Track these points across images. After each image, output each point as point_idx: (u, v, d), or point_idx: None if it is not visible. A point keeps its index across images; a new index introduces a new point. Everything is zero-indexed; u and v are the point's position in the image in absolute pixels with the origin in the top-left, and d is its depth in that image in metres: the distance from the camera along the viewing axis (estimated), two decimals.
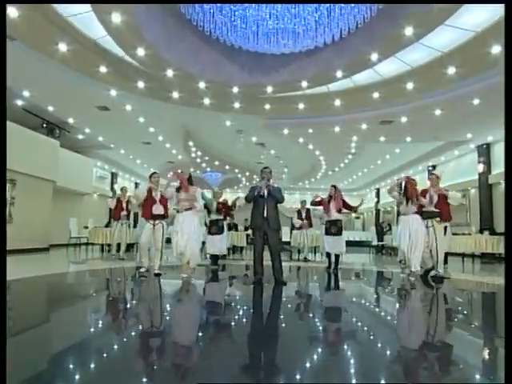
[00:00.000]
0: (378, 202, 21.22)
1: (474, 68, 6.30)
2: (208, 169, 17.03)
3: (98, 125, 11.14)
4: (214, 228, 6.84)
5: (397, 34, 5.49)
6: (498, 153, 10.65)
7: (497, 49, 5.61)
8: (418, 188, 5.68)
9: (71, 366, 1.98)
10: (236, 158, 15.02)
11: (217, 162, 15.52)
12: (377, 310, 3.96)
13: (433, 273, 5.64)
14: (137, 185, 20.73)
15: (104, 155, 15.17)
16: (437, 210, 5.62)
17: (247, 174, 18.03)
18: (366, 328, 3.03)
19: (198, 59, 6.02)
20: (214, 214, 6.89)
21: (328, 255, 6.84)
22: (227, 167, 16.40)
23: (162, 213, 5.50)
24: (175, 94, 7.88)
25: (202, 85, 6.91)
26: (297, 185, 22.14)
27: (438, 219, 5.61)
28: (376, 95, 7.59)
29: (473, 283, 5.85)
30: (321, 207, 6.95)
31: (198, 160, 15.22)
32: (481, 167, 11.06)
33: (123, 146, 13.72)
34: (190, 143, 12.68)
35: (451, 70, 6.32)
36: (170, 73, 6.39)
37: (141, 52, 5.88)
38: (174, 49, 5.74)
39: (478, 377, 2.05)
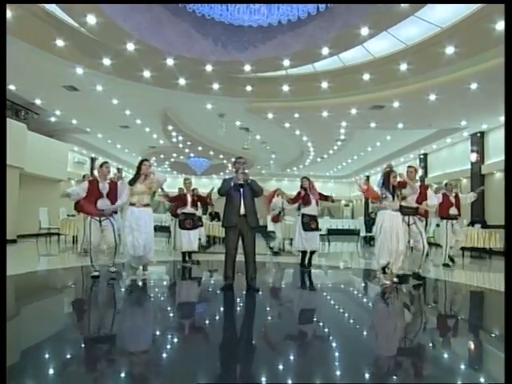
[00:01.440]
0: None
1: (474, 47, 5.70)
2: (192, 154, 16.31)
3: (69, 107, 10.31)
4: (187, 222, 6.23)
5: (390, 5, 4.82)
6: (493, 142, 10.18)
7: (501, 25, 5.00)
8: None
9: None
10: (220, 144, 14.32)
11: (200, 148, 14.80)
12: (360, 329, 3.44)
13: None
14: (119, 170, 19.92)
15: (81, 139, 14.34)
16: (415, 206, 5.15)
17: (233, 160, 17.31)
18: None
19: (162, 32, 5.26)
20: (188, 207, 6.25)
21: (303, 252, 6.30)
22: (211, 153, 15.69)
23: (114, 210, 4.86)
24: (146, 73, 7.12)
25: (170, 61, 6.15)
26: (285, 171, 21.56)
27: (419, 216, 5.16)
28: (367, 77, 6.94)
29: (459, 286, 5.38)
30: (295, 205, 6.36)
31: (181, 145, 14.48)
32: (474, 157, 10.59)
33: (100, 129, 12.90)
34: (170, 127, 11.92)
35: (450, 50, 5.69)
36: (130, 47, 5.61)
37: (91, 20, 5.06)
38: (133, 18, 4.97)
39: None
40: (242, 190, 4.25)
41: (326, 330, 3.12)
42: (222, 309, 3.88)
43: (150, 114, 10.86)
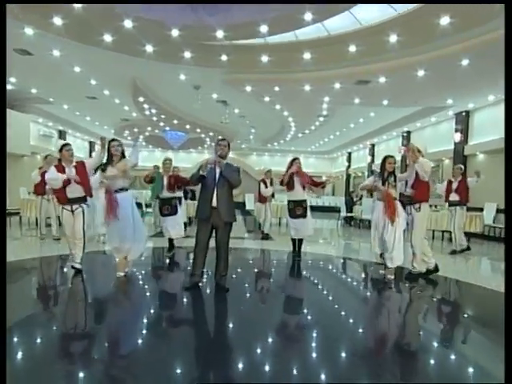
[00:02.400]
0: (349, 166, 20.58)
1: (471, 19, 5.17)
2: (167, 128, 15.43)
3: (25, 73, 9.24)
4: (165, 208, 5.64)
5: None
6: (478, 121, 9.90)
7: None
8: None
9: None
10: (197, 117, 13.52)
11: (175, 121, 13.95)
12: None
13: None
14: (91, 144, 18.82)
15: (46, 111, 13.20)
16: (411, 193, 4.67)
17: (211, 134, 16.58)
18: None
19: None
20: (165, 191, 5.62)
21: (293, 240, 5.93)
22: (188, 126, 14.87)
23: (82, 195, 4.28)
24: (107, 38, 6.27)
25: (128, 24, 5.34)
26: (266, 146, 20.96)
27: (417, 206, 4.69)
28: (353, 49, 6.34)
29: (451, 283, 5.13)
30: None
31: (155, 118, 13.58)
32: (457, 136, 10.31)
33: (64, 100, 11.83)
34: (141, 99, 11.03)
35: (445, 20, 5.15)
36: (80, 5, 4.78)
37: None
38: None
39: None
40: (216, 179, 3.72)
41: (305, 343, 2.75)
42: (185, 312, 3.46)
43: (118, 85, 9.94)
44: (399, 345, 2.91)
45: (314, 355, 2.57)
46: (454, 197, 6.94)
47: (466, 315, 3.83)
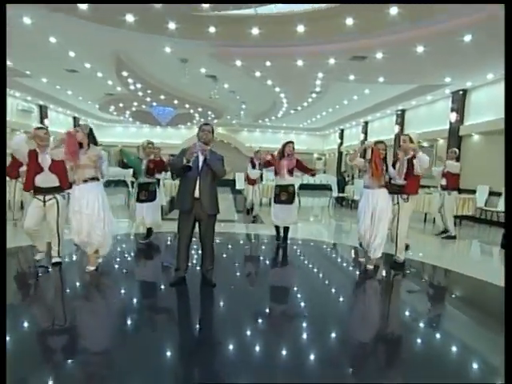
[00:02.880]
0: (341, 143, 20.29)
1: None
2: (154, 103, 14.80)
3: None
4: (142, 194, 5.30)
5: None
6: (475, 101, 9.61)
7: None
8: (389, 157, 4.51)
9: None
10: (185, 92, 12.93)
11: (162, 96, 13.34)
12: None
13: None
14: (75, 119, 18.05)
15: (24, 84, 12.42)
16: (402, 183, 4.49)
17: (200, 109, 16.00)
18: None
19: None
20: (143, 176, 5.30)
21: (276, 228, 5.72)
22: (176, 102, 14.27)
23: (56, 184, 3.92)
24: (81, 6, 5.71)
25: None
26: (257, 122, 20.43)
27: (405, 196, 4.51)
28: (350, 22, 5.90)
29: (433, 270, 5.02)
30: (271, 168, 5.62)
31: (140, 93, 12.95)
32: (453, 116, 10.04)
33: (43, 73, 11.11)
34: (125, 73, 10.41)
35: None
36: None
37: None
38: None
39: None
40: (199, 167, 3.42)
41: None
42: (171, 309, 3.27)
43: (99, 57, 9.31)
44: (382, 335, 2.95)
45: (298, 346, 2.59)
46: (443, 181, 6.78)
47: (454, 303, 3.73)
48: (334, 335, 2.82)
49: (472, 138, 9.66)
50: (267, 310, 3.29)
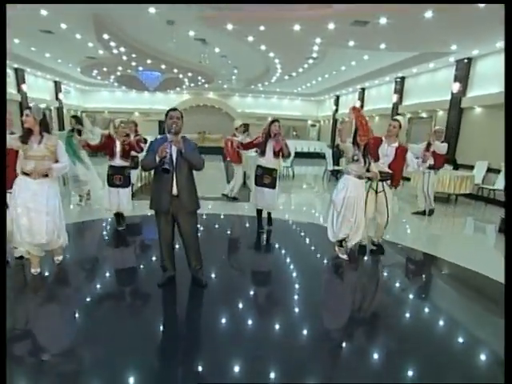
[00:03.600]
0: (336, 110, 19.65)
1: None
2: (140, 68, 13.88)
3: None
4: (117, 178, 4.83)
5: None
6: (480, 71, 9.10)
7: None
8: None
9: None
10: (173, 56, 12.09)
11: (149, 61, 12.46)
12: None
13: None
14: (57, 84, 16.96)
15: None
16: (389, 171, 4.29)
17: (189, 74, 15.12)
18: None
19: None
20: (117, 158, 4.77)
21: (258, 212, 5.43)
22: (163, 66, 13.40)
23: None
24: None
25: None
26: (249, 87, 19.54)
27: (389, 182, 4.34)
28: None
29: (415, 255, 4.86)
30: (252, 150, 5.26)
31: (125, 58, 12.05)
32: (456, 86, 9.53)
33: (14, 33, 10.14)
34: (106, 36, 9.55)
35: None
36: None
37: None
38: None
39: None
40: (174, 160, 3.03)
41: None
42: (161, 314, 3.05)
43: (76, 18, 8.44)
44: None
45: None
46: (430, 160, 6.46)
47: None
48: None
49: (474, 110, 9.26)
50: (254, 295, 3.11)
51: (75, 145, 5.81)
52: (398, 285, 3.83)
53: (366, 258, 4.50)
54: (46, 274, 3.63)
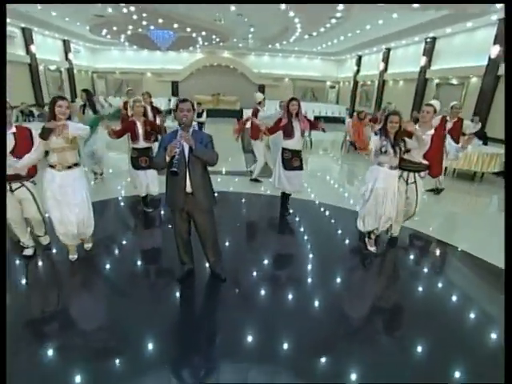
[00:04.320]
0: (357, 71, 18.54)
1: None
2: (151, 27, 13.13)
3: None
4: (142, 160, 4.66)
5: None
6: None
7: None
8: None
9: None
10: (185, 15, 11.33)
11: (160, 20, 11.73)
12: None
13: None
14: (65, 43, 16.34)
15: None
16: (425, 163, 3.91)
17: (203, 33, 14.27)
18: None
19: None
20: (141, 140, 4.59)
21: (283, 195, 5.21)
22: (175, 26, 12.62)
23: (21, 172, 3.23)
24: None
25: None
26: (266, 46, 18.46)
27: (423, 174, 3.97)
28: None
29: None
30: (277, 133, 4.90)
31: (135, 17, 11.35)
32: (495, 50, 8.66)
33: None
34: None
35: None
36: None
37: None
38: None
39: None
40: (186, 157, 2.81)
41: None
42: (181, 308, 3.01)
43: None
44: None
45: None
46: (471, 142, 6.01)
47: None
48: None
49: None
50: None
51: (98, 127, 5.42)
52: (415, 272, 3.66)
53: (393, 249, 4.27)
54: (76, 260, 3.65)
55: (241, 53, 20.45)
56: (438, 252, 4.38)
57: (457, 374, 2.40)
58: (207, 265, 3.45)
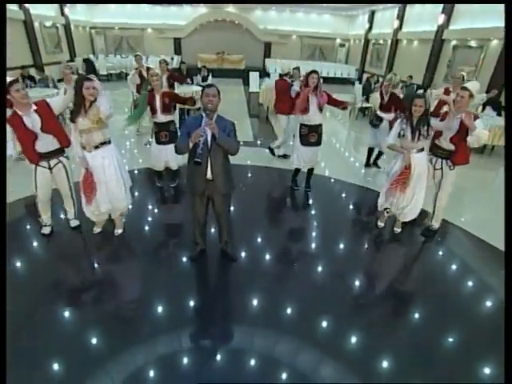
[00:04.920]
0: (370, 29, 17.51)
1: None
2: None
3: None
4: (163, 135, 4.51)
5: None
6: None
7: None
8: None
9: None
10: None
11: None
12: None
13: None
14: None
15: None
16: (451, 148, 3.64)
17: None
18: None
19: None
20: (159, 114, 4.39)
21: (296, 171, 5.14)
22: None
23: (56, 147, 3.33)
24: None
25: None
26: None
27: (451, 164, 3.71)
28: None
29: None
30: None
31: None
32: None
33: None
34: None
35: None
36: None
37: None
38: None
39: None
40: (209, 144, 2.81)
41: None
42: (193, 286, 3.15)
43: None
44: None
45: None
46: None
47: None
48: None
49: None
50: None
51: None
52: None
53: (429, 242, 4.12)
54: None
55: (246, 7, 19.28)
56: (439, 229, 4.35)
57: (451, 334, 2.75)
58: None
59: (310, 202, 4.94)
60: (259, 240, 3.90)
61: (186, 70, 9.12)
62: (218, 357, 2.45)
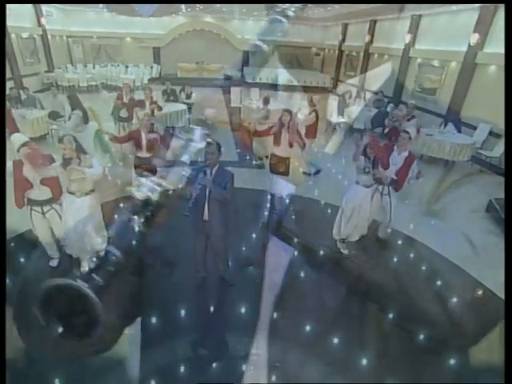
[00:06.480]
0: (343, 39, 18.27)
1: None
2: None
3: None
4: (141, 169, 4.74)
5: None
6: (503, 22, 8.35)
7: None
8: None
9: None
10: None
11: None
12: None
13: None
14: (36, 7, 15.22)
15: None
16: (395, 178, 4.42)
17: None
18: None
19: None
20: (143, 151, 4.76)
21: (271, 196, 5.63)
22: None
23: (50, 196, 3.67)
24: None
25: None
26: (251, 9, 17.77)
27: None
28: None
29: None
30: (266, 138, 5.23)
31: None
32: (475, 37, 8.77)
33: None
34: None
35: None
36: None
37: None
38: None
39: None
40: (206, 195, 3.36)
41: None
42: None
43: None
44: None
45: None
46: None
47: None
48: None
49: (489, 68, 8.68)
50: None
51: (104, 140, 5.61)
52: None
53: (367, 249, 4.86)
54: None
55: (224, 17, 19.68)
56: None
57: None
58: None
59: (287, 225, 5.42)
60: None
61: (171, 91, 9.44)
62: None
